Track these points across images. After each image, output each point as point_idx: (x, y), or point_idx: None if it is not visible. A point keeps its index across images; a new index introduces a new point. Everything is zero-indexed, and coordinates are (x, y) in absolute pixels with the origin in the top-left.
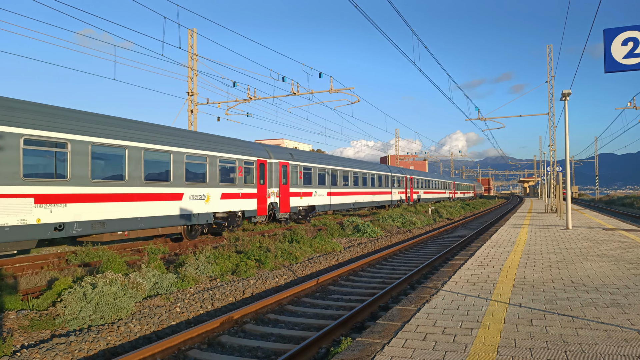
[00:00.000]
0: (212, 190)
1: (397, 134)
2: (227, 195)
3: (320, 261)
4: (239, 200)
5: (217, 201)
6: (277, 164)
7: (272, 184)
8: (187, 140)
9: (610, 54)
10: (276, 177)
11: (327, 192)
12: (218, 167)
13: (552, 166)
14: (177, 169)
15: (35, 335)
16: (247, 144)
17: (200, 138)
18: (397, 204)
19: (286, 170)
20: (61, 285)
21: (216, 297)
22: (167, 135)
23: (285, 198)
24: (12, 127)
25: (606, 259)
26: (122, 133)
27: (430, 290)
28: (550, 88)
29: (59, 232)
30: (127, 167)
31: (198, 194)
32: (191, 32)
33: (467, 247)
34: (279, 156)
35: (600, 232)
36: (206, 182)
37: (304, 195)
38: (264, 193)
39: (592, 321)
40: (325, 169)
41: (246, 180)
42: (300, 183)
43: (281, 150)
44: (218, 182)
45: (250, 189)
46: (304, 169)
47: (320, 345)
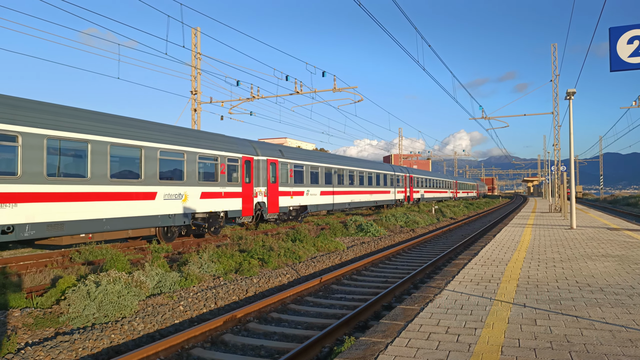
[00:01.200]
0: (191, 189)
1: (401, 133)
2: (208, 194)
3: (324, 260)
4: (221, 200)
5: (196, 201)
6: (264, 161)
7: (260, 183)
8: (162, 135)
9: (616, 52)
10: (264, 176)
11: (321, 191)
12: (197, 164)
13: (556, 165)
14: (150, 166)
15: (40, 333)
16: (230, 139)
17: (177, 132)
18: (397, 203)
19: (275, 168)
20: (65, 283)
21: (219, 295)
22: (137, 129)
23: (273, 197)
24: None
25: (611, 258)
26: (84, 126)
27: (433, 290)
28: (554, 87)
29: (7, 234)
30: (90, 163)
31: (174, 193)
32: (195, 31)
33: (471, 247)
34: (267, 153)
35: (604, 232)
36: (183, 180)
37: (294, 195)
38: (249, 192)
39: (597, 321)
40: (318, 167)
41: (230, 179)
42: (290, 182)
43: (269, 146)
44: (197, 180)
45: (234, 187)
46: (294, 167)
47: (324, 345)
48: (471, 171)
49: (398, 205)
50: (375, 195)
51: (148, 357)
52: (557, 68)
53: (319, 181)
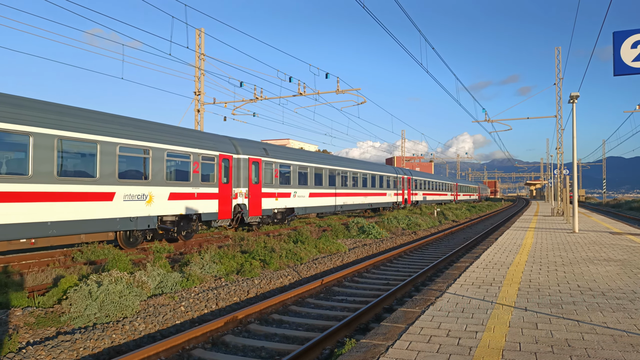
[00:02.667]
0: (157, 190)
1: (404, 135)
2: (178, 195)
3: (325, 262)
4: (194, 202)
5: (164, 202)
6: (246, 160)
7: (240, 183)
8: (122, 129)
9: (620, 56)
10: (245, 175)
11: (310, 193)
12: (165, 162)
13: (559, 169)
14: (107, 163)
15: (41, 333)
16: (205, 135)
17: (141, 126)
18: (393, 206)
19: (258, 167)
20: (67, 283)
21: (221, 296)
22: (92, 121)
23: (255, 199)
24: None
25: (613, 263)
26: (26, 117)
27: (435, 293)
28: (558, 90)
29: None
30: (32, 159)
31: (136, 193)
32: (199, 31)
33: (473, 250)
34: (249, 151)
35: (607, 236)
36: (148, 179)
37: (280, 196)
38: (227, 193)
39: (598, 326)
40: (306, 167)
41: (205, 178)
42: (275, 182)
43: (252, 144)
44: (165, 179)
45: (209, 188)
46: (280, 167)
47: (324, 347)
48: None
49: (395, 208)
50: (370, 197)
51: (149, 358)
52: (560, 71)
53: (308, 182)
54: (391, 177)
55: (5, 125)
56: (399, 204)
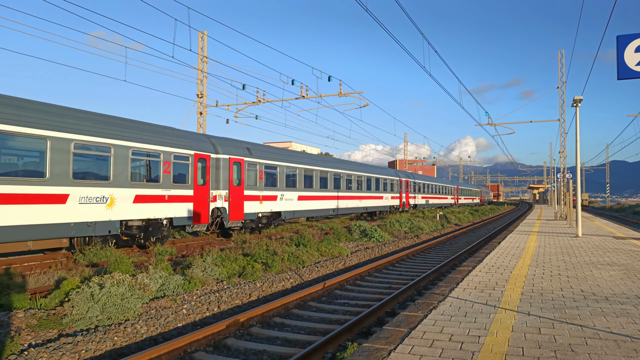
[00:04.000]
0: (119, 191)
1: (406, 139)
2: (145, 197)
3: (327, 265)
4: (164, 205)
5: (128, 205)
6: (226, 160)
7: (220, 185)
8: (79, 123)
9: (624, 60)
10: (225, 177)
11: (298, 196)
12: (130, 161)
13: (562, 173)
14: (59, 162)
15: (43, 335)
16: (179, 132)
17: (102, 121)
18: (390, 210)
19: (240, 168)
20: (69, 285)
21: (222, 299)
22: (41, 114)
23: (237, 202)
24: None
25: (616, 267)
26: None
27: (437, 297)
28: (561, 94)
29: None
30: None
31: (95, 195)
32: (201, 34)
33: (475, 254)
34: (229, 151)
35: (610, 241)
36: (109, 180)
37: (265, 200)
38: (204, 195)
39: (602, 331)
40: (295, 169)
41: (177, 180)
42: (260, 184)
43: (234, 143)
44: (129, 180)
45: (182, 190)
46: (265, 168)
47: (326, 350)
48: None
49: (392, 212)
50: (366, 200)
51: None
52: (564, 75)
53: (297, 184)
54: (388, 179)
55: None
56: (396, 207)
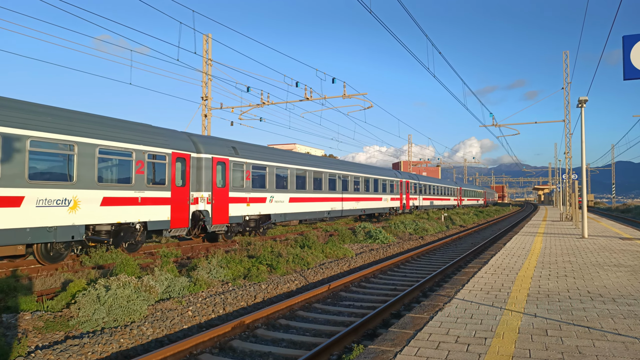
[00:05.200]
0: (84, 193)
1: (410, 140)
2: (114, 200)
3: (332, 267)
4: (137, 208)
5: (94, 209)
6: (209, 159)
7: (201, 187)
8: (36, 119)
9: (630, 61)
10: (208, 178)
11: (290, 197)
12: (97, 160)
13: (567, 174)
14: (12, 161)
15: (50, 337)
16: (154, 130)
17: (64, 116)
18: (390, 212)
19: (224, 168)
20: (75, 287)
21: (228, 301)
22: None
23: (221, 205)
24: None
25: (623, 269)
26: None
27: (443, 299)
28: (566, 95)
29: None
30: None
31: (55, 198)
32: (206, 37)
33: (481, 255)
34: (213, 150)
35: (617, 242)
36: (73, 180)
37: (252, 202)
38: (183, 197)
39: (609, 333)
40: (287, 169)
41: (152, 180)
42: (247, 186)
43: (217, 142)
44: (96, 181)
45: (158, 191)
46: (253, 168)
47: (332, 352)
48: (481, 178)
49: (391, 214)
50: (364, 202)
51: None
52: (568, 76)
53: (288, 186)
54: (387, 180)
55: None
56: (396, 209)
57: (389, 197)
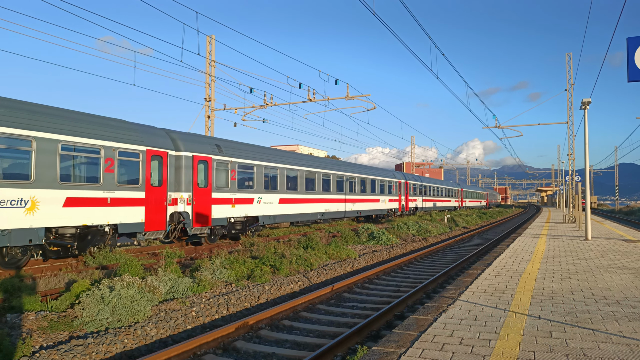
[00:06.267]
0: (44, 193)
1: (413, 141)
2: (79, 200)
3: (335, 268)
4: (105, 209)
5: (56, 210)
6: (189, 158)
7: (181, 187)
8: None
9: (634, 62)
10: (188, 177)
11: (280, 198)
12: (59, 157)
13: (570, 175)
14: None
15: (54, 337)
16: (127, 125)
17: (21, 108)
18: (388, 214)
19: (207, 167)
20: (79, 287)
21: (231, 302)
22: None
23: (203, 206)
24: None
25: (627, 271)
26: None
27: (447, 300)
28: (569, 96)
29: None
30: None
31: (9, 198)
32: (209, 38)
33: (484, 257)
34: (194, 147)
35: (620, 244)
36: (30, 179)
37: (238, 203)
38: (159, 198)
39: (614, 335)
40: (276, 169)
41: (124, 180)
42: (232, 186)
43: (199, 139)
44: (58, 180)
45: (130, 192)
46: (239, 168)
47: (335, 353)
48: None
49: (389, 216)
50: (359, 204)
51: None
52: (571, 77)
53: (278, 186)
54: (385, 181)
55: None
56: (394, 211)
57: (387, 198)
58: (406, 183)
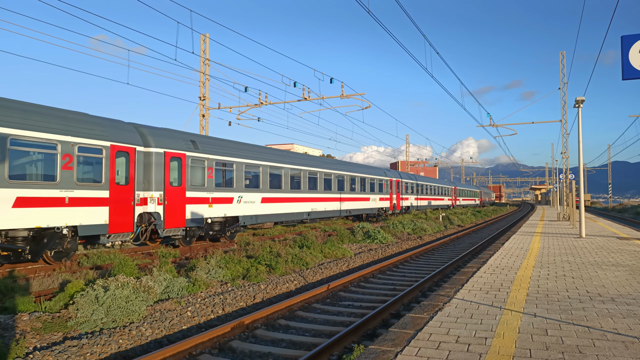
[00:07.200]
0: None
1: (408, 140)
2: (32, 200)
3: (331, 267)
4: (63, 210)
5: (5, 211)
6: (160, 154)
7: (151, 185)
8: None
9: (628, 61)
10: (159, 175)
11: (262, 197)
12: (8, 153)
13: (564, 174)
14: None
15: (48, 338)
16: (88, 118)
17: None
18: (379, 213)
19: (181, 165)
20: (73, 287)
21: (227, 301)
22: None
23: (176, 206)
24: None
25: (621, 268)
26: None
27: (442, 298)
28: (563, 95)
29: None
30: None
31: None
32: (203, 37)
33: (479, 255)
34: (165, 143)
35: (614, 241)
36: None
37: (216, 202)
38: (126, 198)
39: (609, 332)
40: (258, 167)
41: (84, 178)
42: (209, 184)
43: (172, 134)
44: (6, 178)
45: (92, 190)
46: (217, 165)
47: (332, 352)
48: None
49: (381, 215)
50: (348, 202)
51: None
52: (565, 76)
53: (260, 185)
54: (376, 179)
55: None
56: (385, 210)
57: (378, 196)
58: (397, 181)
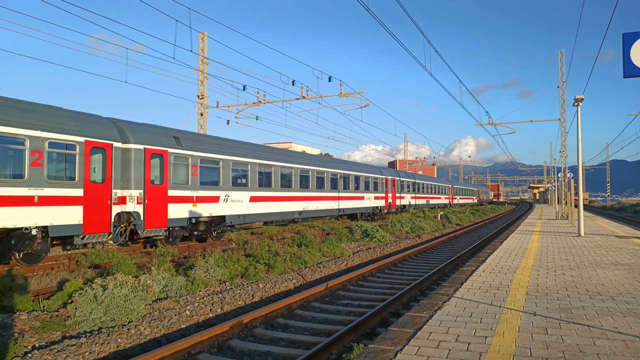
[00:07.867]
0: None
1: (406, 139)
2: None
3: (329, 266)
4: (32, 209)
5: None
6: (140, 151)
7: (129, 183)
8: None
9: (630, 58)
10: (138, 172)
11: (250, 196)
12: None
13: (563, 172)
14: None
15: (46, 337)
16: (60, 112)
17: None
18: (374, 212)
19: (162, 162)
20: (72, 286)
21: (225, 300)
22: None
23: (157, 205)
24: None
25: (621, 267)
26: None
27: (441, 297)
28: (561, 93)
29: None
30: None
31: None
32: (202, 35)
33: (478, 254)
34: (145, 139)
35: (613, 240)
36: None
37: (201, 201)
38: (102, 196)
39: (609, 331)
40: (247, 164)
41: (55, 175)
42: (194, 183)
43: (153, 130)
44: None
45: (64, 189)
46: (202, 162)
47: (331, 351)
48: (477, 177)
49: (376, 214)
50: (342, 202)
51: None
52: (564, 74)
53: (249, 183)
54: (371, 177)
55: None
56: (381, 209)
57: (373, 195)
58: (393, 180)
